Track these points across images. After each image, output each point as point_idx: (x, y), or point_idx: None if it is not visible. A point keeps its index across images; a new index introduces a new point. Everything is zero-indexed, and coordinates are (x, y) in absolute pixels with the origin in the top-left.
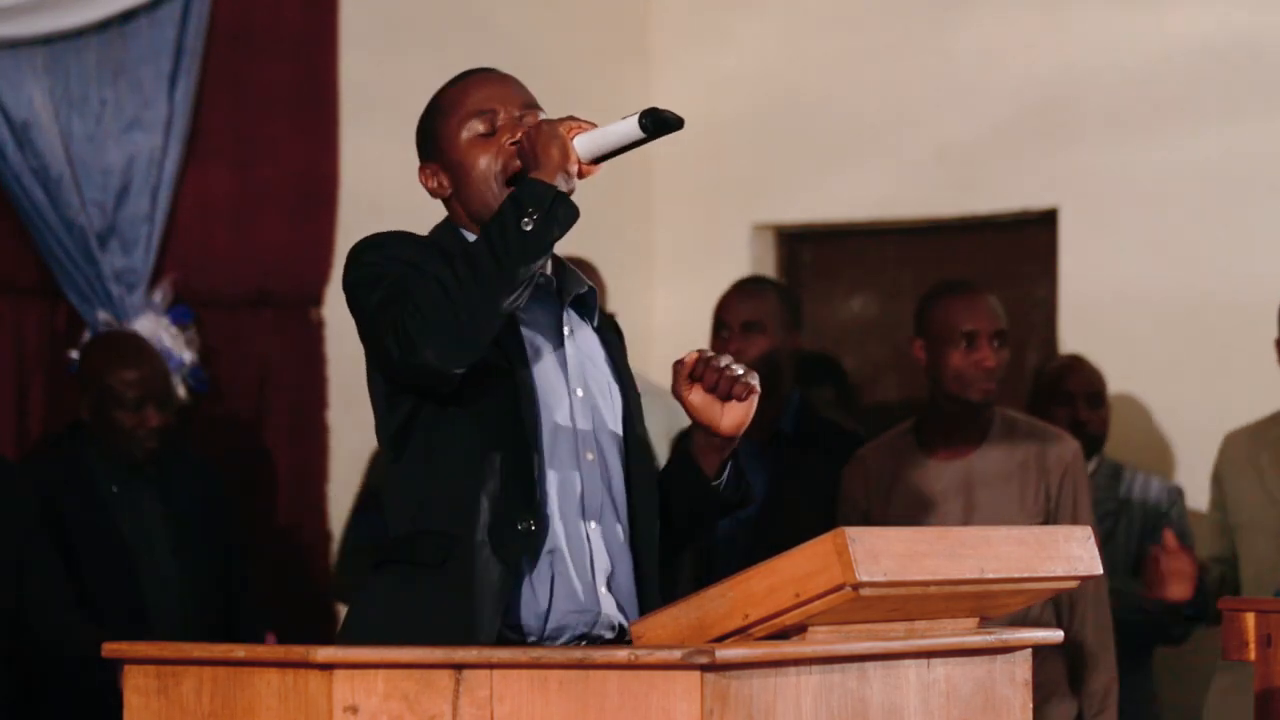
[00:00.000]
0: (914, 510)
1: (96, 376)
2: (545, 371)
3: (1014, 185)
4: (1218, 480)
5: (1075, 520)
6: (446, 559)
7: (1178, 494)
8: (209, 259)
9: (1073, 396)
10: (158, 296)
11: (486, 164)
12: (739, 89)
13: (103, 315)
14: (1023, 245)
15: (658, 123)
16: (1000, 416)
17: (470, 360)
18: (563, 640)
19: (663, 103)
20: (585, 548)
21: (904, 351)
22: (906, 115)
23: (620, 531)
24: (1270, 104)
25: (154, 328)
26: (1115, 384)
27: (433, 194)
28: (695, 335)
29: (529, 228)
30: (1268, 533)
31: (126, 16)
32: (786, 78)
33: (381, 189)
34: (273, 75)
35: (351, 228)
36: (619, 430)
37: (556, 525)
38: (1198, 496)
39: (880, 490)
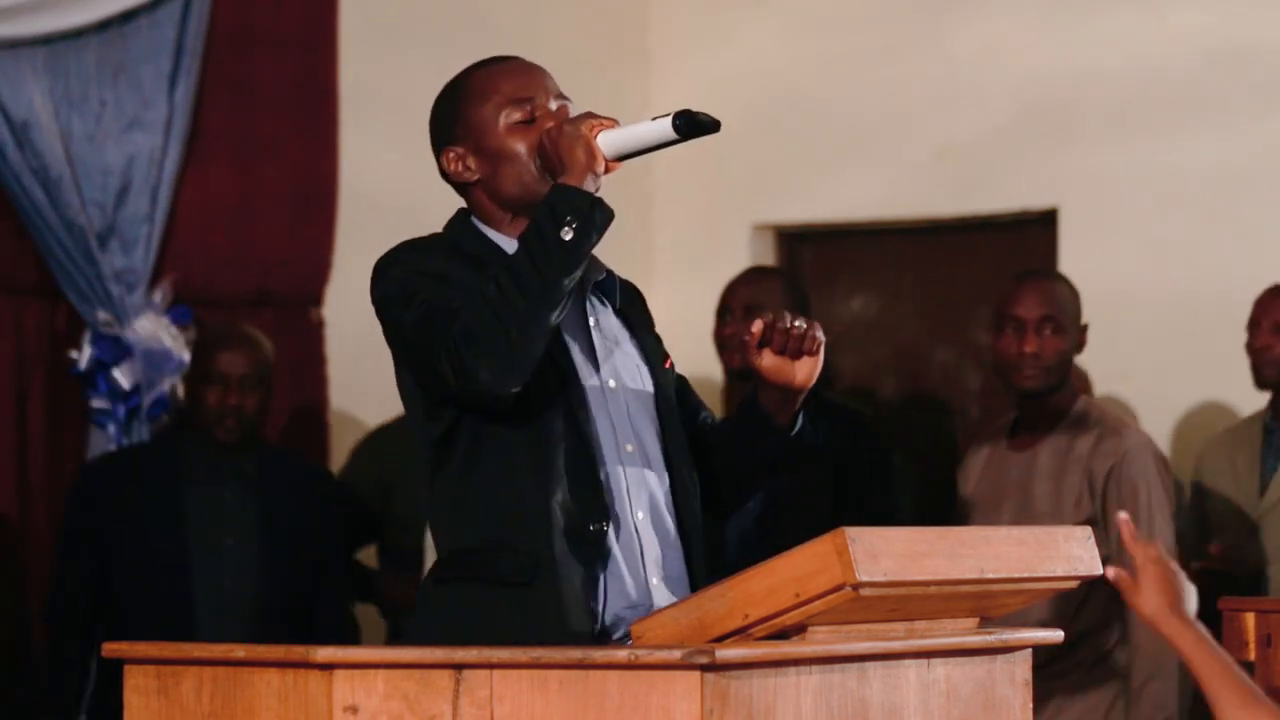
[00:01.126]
0: (986, 502)
1: (198, 358)
2: (581, 364)
3: (1014, 185)
4: (1198, 487)
5: (1139, 520)
6: (534, 576)
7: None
8: (209, 259)
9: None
10: (158, 296)
11: (526, 151)
12: (739, 89)
13: (103, 315)
14: (1023, 245)
15: (692, 125)
16: (1079, 408)
17: (525, 378)
18: (617, 636)
19: (663, 103)
20: (635, 540)
21: (904, 351)
22: (906, 115)
23: (668, 518)
24: (1270, 104)
25: (154, 328)
26: (1115, 384)
27: (455, 177)
28: (695, 335)
29: (569, 237)
30: (1247, 526)
31: (126, 16)
32: (786, 78)
33: (381, 189)
34: (273, 75)
35: (351, 228)
36: (653, 415)
37: (612, 521)
38: None
39: (973, 472)
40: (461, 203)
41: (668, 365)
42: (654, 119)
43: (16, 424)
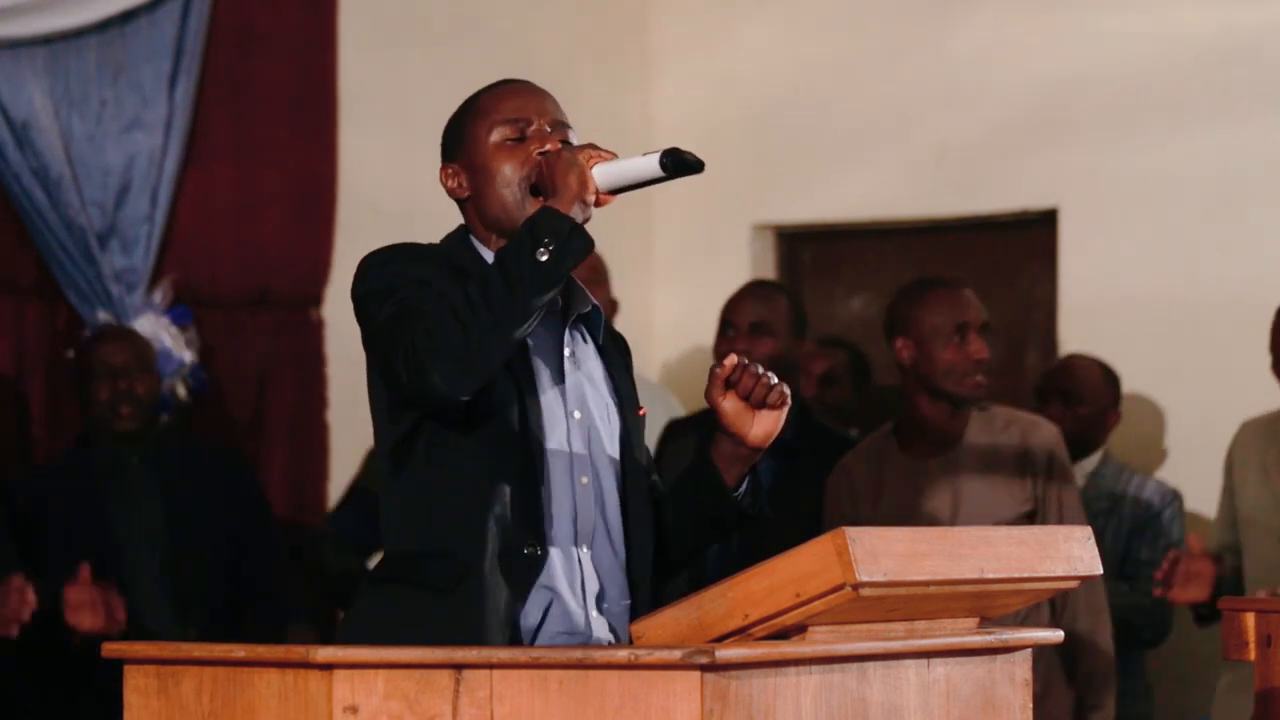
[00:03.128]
0: (903, 511)
1: (83, 358)
2: (547, 392)
3: (1014, 185)
4: (1229, 469)
5: (1062, 505)
6: (458, 584)
7: (1173, 496)
8: (209, 259)
9: (1047, 394)
10: (158, 296)
11: (511, 171)
12: (739, 89)
13: (103, 315)
14: (1023, 245)
15: (678, 164)
16: (978, 409)
17: (477, 386)
18: None
19: (663, 102)
20: (577, 571)
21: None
22: (906, 115)
23: (612, 555)
24: (1270, 104)
25: (154, 328)
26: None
27: (451, 194)
28: (695, 335)
29: (544, 258)
30: (1271, 533)
31: (126, 16)
32: (786, 78)
33: (381, 189)
34: (273, 75)
35: (351, 228)
36: (615, 454)
37: (553, 549)
38: (1196, 497)
39: (867, 496)
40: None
41: (641, 413)
42: (644, 154)
43: (16, 424)
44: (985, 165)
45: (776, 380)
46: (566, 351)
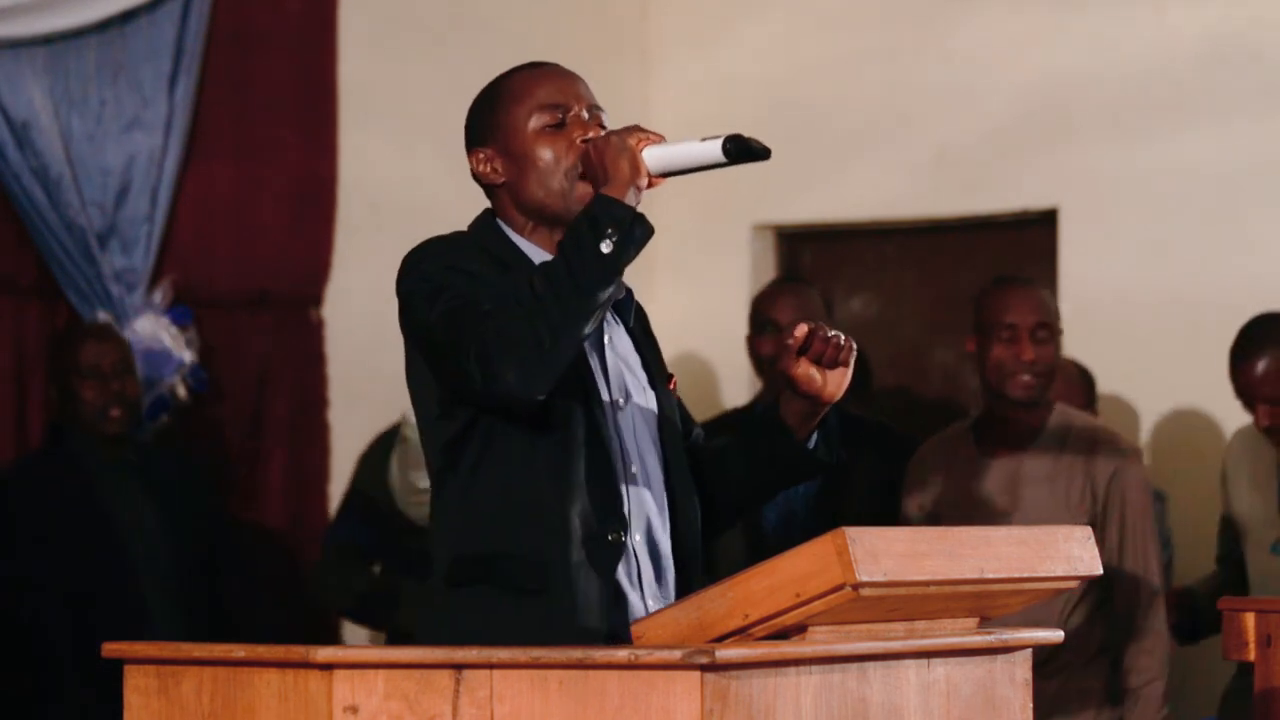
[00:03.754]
0: (964, 508)
1: (59, 356)
2: (595, 383)
3: (1014, 185)
4: (1223, 478)
5: (1124, 526)
6: (548, 585)
7: (1160, 498)
8: (209, 259)
9: None
10: (158, 296)
11: (552, 157)
12: (739, 89)
13: (103, 315)
14: (1023, 245)
15: (742, 150)
16: (1058, 416)
17: (552, 384)
18: None
19: (663, 102)
20: (633, 559)
21: (904, 351)
22: (906, 116)
23: (663, 541)
24: (1270, 104)
25: (154, 328)
26: (1115, 384)
27: (483, 179)
28: (695, 335)
29: (608, 250)
30: (1261, 545)
31: (126, 16)
32: (786, 78)
33: (381, 189)
34: (273, 75)
35: (351, 228)
36: (656, 436)
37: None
38: (1195, 497)
39: (935, 487)
40: (460, 206)
41: (671, 385)
42: (703, 139)
43: (16, 424)
44: (985, 165)
45: (843, 338)
46: (606, 338)
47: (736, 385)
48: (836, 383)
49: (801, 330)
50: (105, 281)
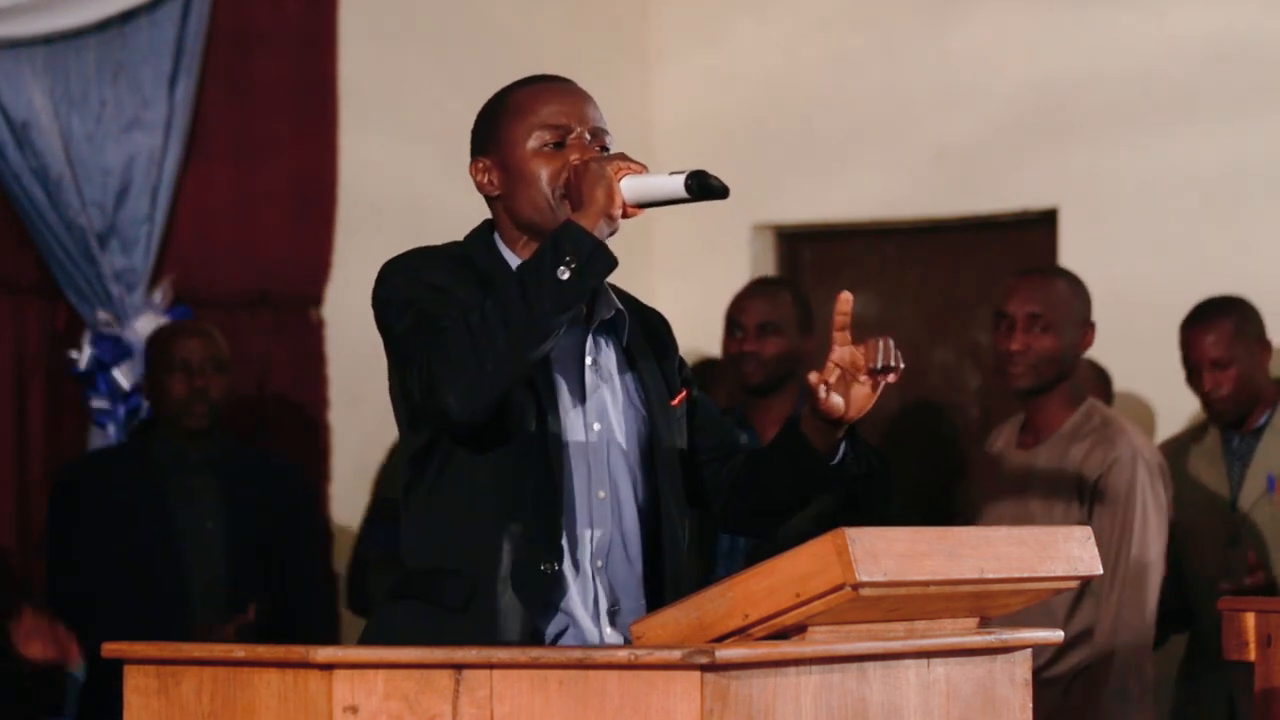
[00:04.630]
0: (985, 499)
1: (157, 349)
2: (566, 405)
3: (1014, 185)
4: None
5: (1123, 529)
6: (470, 603)
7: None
8: (209, 259)
9: None
10: (158, 296)
11: (546, 177)
12: (739, 89)
13: (103, 315)
14: (1023, 245)
15: (703, 187)
16: (1081, 411)
17: (492, 408)
18: None
19: (663, 102)
20: (591, 587)
21: (904, 351)
22: (906, 115)
23: (628, 568)
24: (1270, 104)
25: (154, 328)
26: (1115, 384)
27: (481, 189)
28: (695, 335)
29: (565, 276)
30: (1211, 536)
31: (126, 16)
32: (786, 78)
33: (381, 189)
34: (273, 75)
35: (351, 228)
36: (636, 463)
37: (568, 565)
38: None
39: (977, 475)
40: (460, 206)
41: (675, 402)
42: (670, 173)
43: (16, 424)
44: (985, 165)
45: (895, 355)
46: (588, 360)
47: (750, 400)
48: (859, 405)
49: (846, 305)
50: (105, 281)
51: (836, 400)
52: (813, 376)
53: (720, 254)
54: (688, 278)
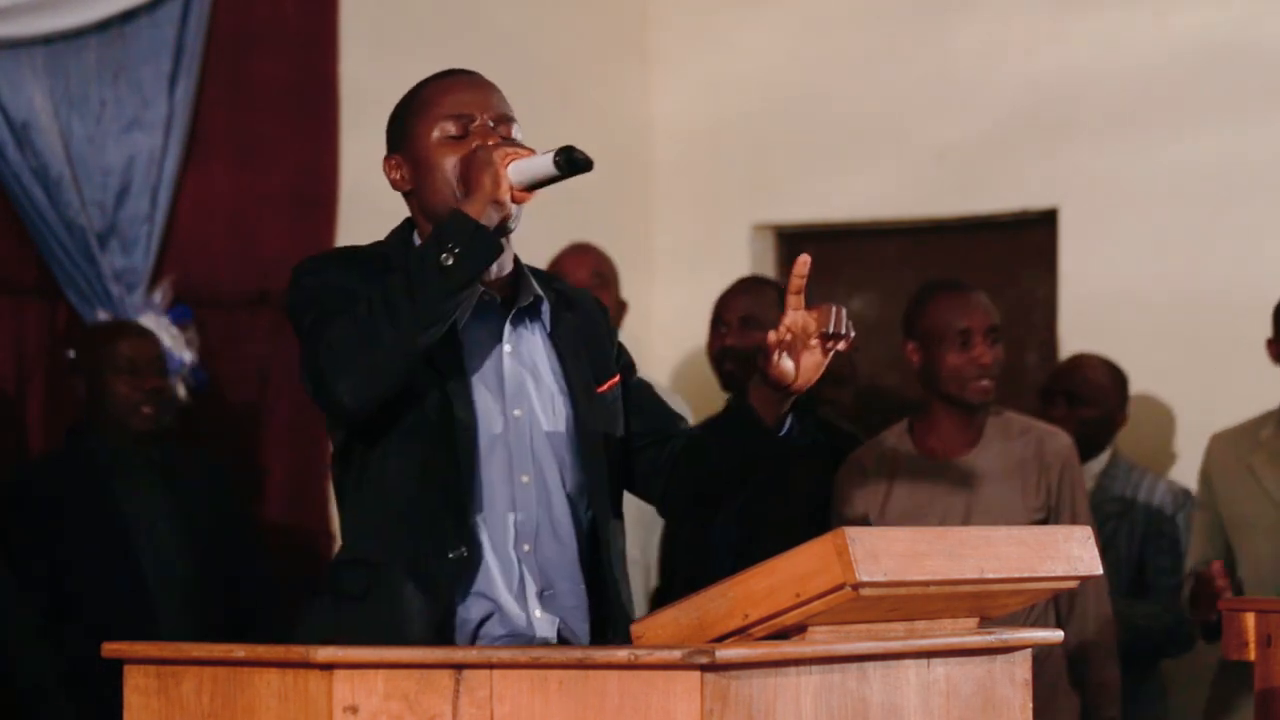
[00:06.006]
0: (913, 511)
1: (92, 351)
2: (481, 392)
3: (1014, 185)
4: (1206, 481)
5: (1075, 515)
6: (368, 591)
7: (1185, 497)
8: (209, 259)
9: (1053, 394)
10: (158, 296)
11: (451, 166)
12: (739, 89)
13: (103, 315)
14: (1023, 245)
15: (570, 162)
16: (994, 414)
17: (384, 397)
18: None
19: (663, 102)
20: (515, 571)
21: (904, 352)
22: (906, 115)
23: (559, 550)
24: (1270, 104)
25: (154, 328)
26: None
27: (394, 186)
28: (695, 335)
29: (449, 263)
30: (1266, 533)
31: (126, 16)
32: (786, 78)
33: (381, 189)
34: (273, 75)
35: (351, 228)
36: (565, 448)
37: (488, 550)
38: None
39: (878, 492)
40: None
41: (605, 388)
42: (544, 152)
43: (16, 424)
44: (985, 165)
45: (846, 323)
46: (506, 347)
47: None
48: (808, 373)
49: (804, 260)
50: (105, 281)
51: (787, 365)
52: (771, 336)
53: (720, 254)
54: (688, 278)
